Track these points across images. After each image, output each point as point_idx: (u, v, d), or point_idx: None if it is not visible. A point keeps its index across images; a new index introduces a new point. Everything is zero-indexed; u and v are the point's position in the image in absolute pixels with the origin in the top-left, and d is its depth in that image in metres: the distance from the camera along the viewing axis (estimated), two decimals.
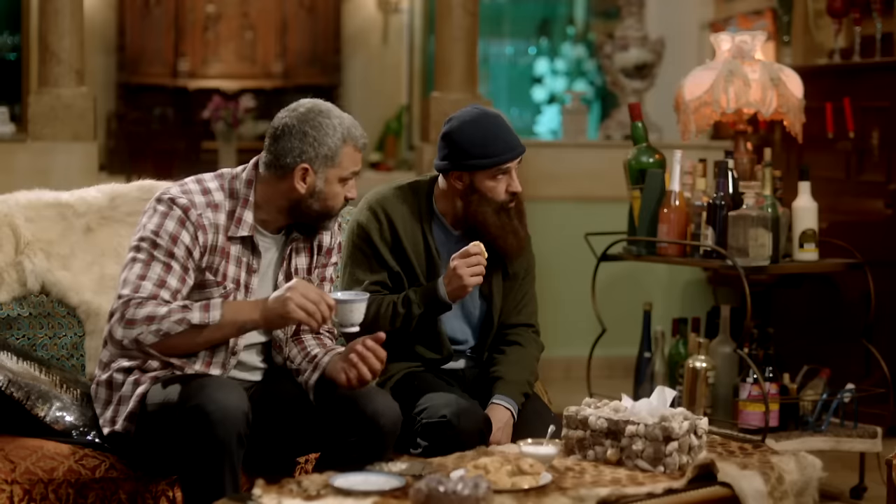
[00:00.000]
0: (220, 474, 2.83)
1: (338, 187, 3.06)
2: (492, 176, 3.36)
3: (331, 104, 3.10)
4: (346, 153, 3.04)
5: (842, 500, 4.45)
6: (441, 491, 2.44)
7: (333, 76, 12.28)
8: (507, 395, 3.37)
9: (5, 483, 2.97)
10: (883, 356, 4.47)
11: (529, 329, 3.56)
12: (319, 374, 3.10)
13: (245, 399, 2.90)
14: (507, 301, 3.53)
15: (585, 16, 12.25)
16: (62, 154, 6.10)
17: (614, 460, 2.89)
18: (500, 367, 3.44)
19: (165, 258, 2.98)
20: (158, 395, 2.96)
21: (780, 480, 2.89)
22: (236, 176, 3.11)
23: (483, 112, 3.43)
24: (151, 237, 3.00)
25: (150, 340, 2.92)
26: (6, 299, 3.40)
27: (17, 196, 3.56)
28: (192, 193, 3.05)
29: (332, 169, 3.04)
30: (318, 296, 2.92)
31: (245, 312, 2.97)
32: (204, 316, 2.93)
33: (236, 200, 3.07)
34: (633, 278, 6.59)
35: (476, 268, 3.28)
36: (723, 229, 4.23)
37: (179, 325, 2.92)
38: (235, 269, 3.07)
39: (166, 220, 3.01)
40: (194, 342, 2.96)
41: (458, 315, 3.48)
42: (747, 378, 4.20)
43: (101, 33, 11.62)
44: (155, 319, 2.91)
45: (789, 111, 4.45)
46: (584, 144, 7.20)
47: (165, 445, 2.96)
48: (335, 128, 3.03)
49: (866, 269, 4.46)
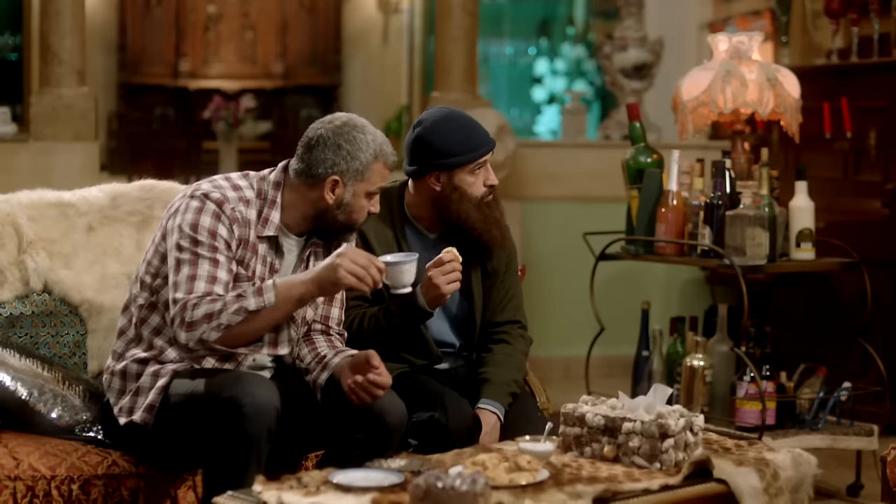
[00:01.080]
0: (246, 468, 2.85)
1: (364, 201, 3.12)
2: (471, 171, 3.39)
3: (365, 120, 3.15)
4: (375, 169, 3.10)
5: (838, 497, 4.47)
6: (439, 487, 2.46)
7: (334, 76, 12.31)
8: (494, 399, 3.39)
9: (9, 479, 3.00)
10: (879, 355, 4.49)
11: (515, 325, 3.58)
12: (328, 374, 3.13)
13: (277, 395, 2.92)
14: (491, 299, 3.54)
15: (585, 16, 12.27)
16: (63, 154, 6.13)
17: (611, 457, 2.91)
18: (486, 367, 3.46)
19: (210, 253, 3.01)
20: (184, 386, 2.99)
21: (776, 477, 2.91)
22: (264, 177, 3.15)
23: (450, 111, 3.48)
24: (191, 234, 3.02)
25: (213, 337, 2.95)
26: (9, 298, 3.43)
27: (20, 195, 3.58)
28: (223, 188, 3.09)
29: (361, 183, 3.09)
30: (367, 260, 2.98)
31: (298, 287, 3.00)
32: (259, 301, 2.96)
33: (264, 200, 3.11)
34: (631, 278, 6.62)
35: (452, 275, 3.30)
36: (720, 229, 4.25)
37: (238, 314, 2.94)
38: (262, 267, 3.11)
39: (202, 216, 3.03)
40: (257, 327, 3.00)
41: (441, 317, 3.49)
42: (744, 376, 4.23)
43: (101, 33, 11.65)
44: (213, 315, 2.95)
45: (786, 111, 4.48)
46: (583, 144, 7.22)
47: (187, 438, 2.98)
48: (368, 144, 3.09)
49: (863, 269, 4.49)
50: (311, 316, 3.23)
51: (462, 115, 3.45)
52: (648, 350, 4.58)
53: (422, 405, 3.27)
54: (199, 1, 12.16)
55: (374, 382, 3.01)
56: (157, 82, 12.13)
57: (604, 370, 5.99)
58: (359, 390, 3.01)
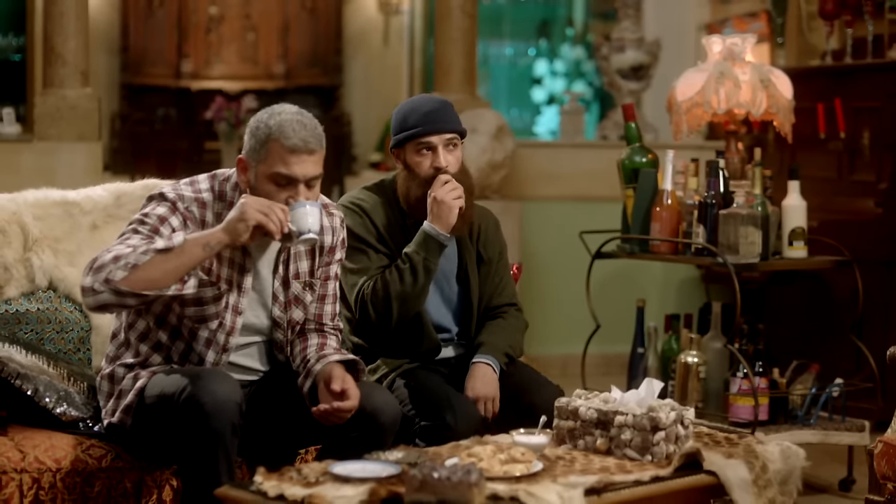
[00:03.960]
0: (216, 463, 2.90)
1: (270, 186, 3.01)
2: (416, 151, 3.44)
3: (294, 107, 3.07)
4: (273, 149, 3.00)
5: (830, 492, 4.52)
6: (435, 477, 2.51)
7: (335, 77, 12.33)
8: (487, 354, 3.47)
9: (15, 472, 3.05)
10: (871, 352, 4.54)
11: (512, 307, 3.66)
12: (311, 382, 3.15)
13: (238, 389, 2.96)
14: (486, 286, 3.61)
15: (584, 17, 12.31)
16: (67, 154, 6.18)
17: (604, 449, 2.96)
18: (480, 336, 3.55)
19: (148, 232, 3.00)
20: (155, 387, 3.03)
21: (764, 469, 2.96)
22: (227, 178, 3.14)
23: (424, 96, 3.57)
24: (139, 218, 3.03)
25: (119, 276, 2.87)
26: (15, 295, 3.48)
27: (26, 194, 3.63)
28: (180, 189, 3.10)
29: (261, 165, 3.01)
30: (266, 205, 2.93)
31: (206, 234, 2.95)
32: (168, 242, 2.91)
33: (224, 203, 3.10)
34: (629, 277, 6.66)
35: (455, 191, 3.38)
36: (714, 227, 4.30)
37: (145, 255, 2.88)
38: (228, 270, 3.10)
39: (157, 207, 3.05)
40: (164, 269, 2.91)
41: (439, 302, 3.55)
42: (737, 373, 4.28)
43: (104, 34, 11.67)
44: (121, 258, 2.89)
45: (779, 111, 4.53)
46: (580, 145, 7.26)
47: (161, 436, 3.03)
48: (268, 124, 3.01)
49: (854, 267, 4.53)
50: (298, 317, 3.24)
51: (427, 100, 3.51)
52: (644, 347, 4.63)
53: (429, 407, 3.31)
54: (201, 2, 12.19)
55: (339, 409, 3.02)
56: (160, 83, 12.15)
57: (601, 367, 6.04)
58: (328, 415, 3.03)
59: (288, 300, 3.20)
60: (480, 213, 3.63)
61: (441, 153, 3.43)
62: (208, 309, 3.09)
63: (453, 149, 3.46)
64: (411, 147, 3.45)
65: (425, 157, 3.44)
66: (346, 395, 3.03)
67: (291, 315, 3.21)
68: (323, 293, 3.28)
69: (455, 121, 3.47)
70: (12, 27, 10.69)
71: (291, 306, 3.21)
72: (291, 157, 3.00)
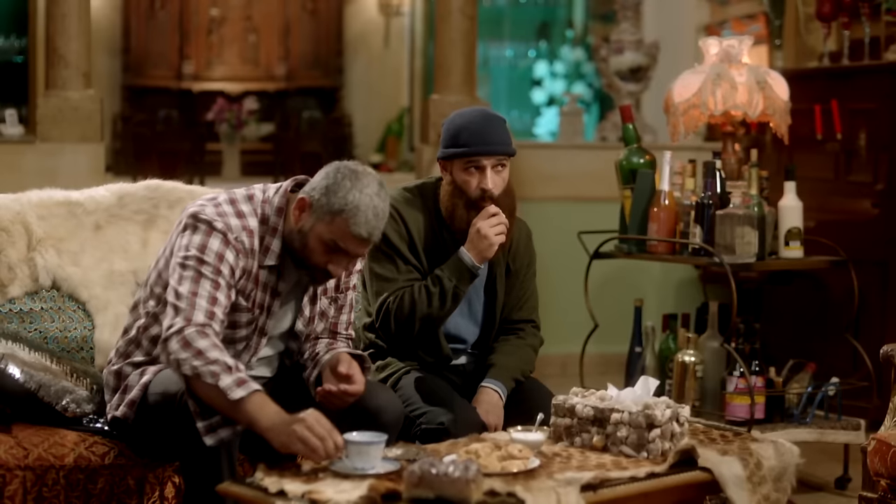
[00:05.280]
0: (218, 461, 2.93)
1: (318, 244, 3.01)
2: (464, 168, 3.39)
3: (374, 179, 3.01)
4: (338, 223, 2.97)
5: (826, 490, 4.55)
6: (433, 473, 2.55)
7: (335, 78, 12.37)
8: (496, 379, 3.46)
9: (18, 469, 3.08)
10: (867, 351, 4.55)
11: (530, 324, 3.65)
12: (318, 371, 3.18)
13: None
14: (510, 297, 3.60)
15: (584, 19, 12.33)
16: (69, 155, 6.20)
17: (600, 446, 2.99)
18: (494, 355, 3.54)
19: (213, 275, 2.99)
20: (159, 385, 3.05)
21: (759, 466, 2.99)
22: (268, 200, 3.11)
23: (478, 110, 3.49)
24: (197, 254, 3.00)
25: (185, 370, 2.88)
26: (19, 294, 3.52)
27: (29, 195, 3.66)
28: (227, 216, 3.06)
29: (321, 223, 2.99)
30: (326, 431, 2.77)
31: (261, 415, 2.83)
32: (232, 388, 2.84)
33: (266, 227, 3.09)
34: (628, 277, 6.69)
35: (499, 226, 3.35)
36: (710, 228, 4.32)
37: (212, 377, 2.85)
38: (262, 294, 3.12)
39: (210, 239, 3.02)
40: (208, 396, 2.87)
41: (460, 311, 3.52)
42: (734, 372, 4.31)
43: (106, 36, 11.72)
44: (201, 356, 2.87)
45: (775, 113, 4.55)
46: (579, 146, 7.28)
47: (163, 433, 3.05)
48: (346, 198, 2.96)
49: (850, 266, 4.56)
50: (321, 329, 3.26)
51: (481, 115, 3.44)
52: (641, 346, 4.65)
53: (431, 409, 3.32)
54: (203, 4, 12.23)
55: (346, 392, 3.04)
56: (161, 84, 12.20)
57: (599, 367, 6.08)
58: (331, 398, 3.05)
59: (313, 315, 3.24)
60: (514, 225, 3.56)
61: (489, 175, 3.38)
62: (239, 332, 3.12)
63: (501, 169, 3.41)
64: (459, 164, 3.40)
65: (473, 175, 3.39)
66: (352, 380, 3.05)
67: (314, 328, 3.25)
68: (341, 303, 3.30)
69: (506, 141, 3.41)
70: (15, 29, 10.73)
71: (316, 320, 3.25)
72: (353, 242, 3.00)
